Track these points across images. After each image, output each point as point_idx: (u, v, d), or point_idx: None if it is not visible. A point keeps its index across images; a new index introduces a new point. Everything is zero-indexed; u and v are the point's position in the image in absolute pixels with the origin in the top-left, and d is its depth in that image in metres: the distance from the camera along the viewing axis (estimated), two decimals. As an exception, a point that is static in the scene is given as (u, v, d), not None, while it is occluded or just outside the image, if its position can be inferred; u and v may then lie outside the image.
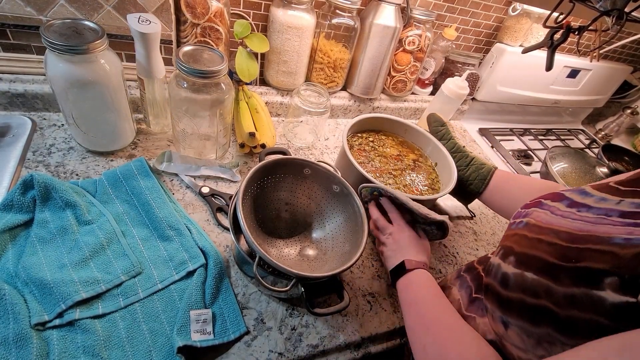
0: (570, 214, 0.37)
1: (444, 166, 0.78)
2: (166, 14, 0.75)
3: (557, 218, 0.38)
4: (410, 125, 0.84)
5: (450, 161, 0.75)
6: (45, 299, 0.48)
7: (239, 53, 0.79)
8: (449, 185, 0.71)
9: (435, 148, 0.80)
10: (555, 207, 0.40)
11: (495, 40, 1.17)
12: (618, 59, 1.44)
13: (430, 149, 0.82)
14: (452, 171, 0.74)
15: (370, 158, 0.78)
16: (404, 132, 0.85)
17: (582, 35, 0.69)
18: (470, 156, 0.74)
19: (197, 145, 0.74)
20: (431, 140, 0.81)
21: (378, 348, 0.59)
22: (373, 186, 0.61)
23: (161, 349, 0.49)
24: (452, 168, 0.74)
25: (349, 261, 0.52)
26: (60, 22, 0.58)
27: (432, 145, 0.81)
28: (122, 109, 0.67)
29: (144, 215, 0.62)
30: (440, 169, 0.80)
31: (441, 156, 0.78)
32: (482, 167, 0.72)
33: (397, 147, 0.83)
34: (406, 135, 0.86)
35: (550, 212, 0.40)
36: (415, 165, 0.80)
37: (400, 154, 0.81)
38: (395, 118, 0.83)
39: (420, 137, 0.84)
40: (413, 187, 0.75)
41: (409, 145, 0.85)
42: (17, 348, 0.43)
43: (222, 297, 0.55)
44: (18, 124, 0.71)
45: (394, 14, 0.89)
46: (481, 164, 0.72)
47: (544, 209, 0.41)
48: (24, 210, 0.56)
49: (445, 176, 0.77)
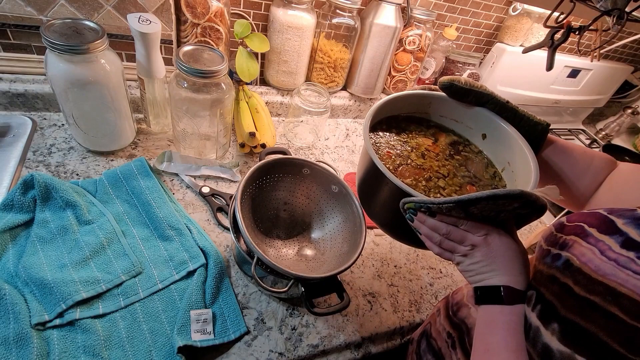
0: (630, 263, 0.27)
1: (498, 140, 0.50)
2: (166, 13, 0.75)
3: (611, 266, 0.28)
4: (435, 95, 0.53)
5: (510, 132, 0.48)
6: (46, 298, 0.48)
7: (239, 53, 0.79)
8: (527, 172, 0.44)
9: (480, 116, 0.51)
10: (604, 244, 0.30)
11: (496, 40, 1.17)
12: (619, 58, 1.44)
13: (473, 122, 0.53)
14: (520, 149, 0.46)
15: (404, 155, 0.50)
16: (428, 106, 0.54)
17: (582, 35, 0.69)
18: (519, 113, 0.48)
19: (198, 145, 0.74)
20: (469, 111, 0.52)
21: (378, 348, 0.59)
22: (419, 200, 0.40)
23: (161, 349, 0.49)
24: (518, 143, 0.47)
25: (347, 261, 0.52)
26: (60, 22, 0.58)
27: (475, 115, 0.51)
28: (123, 109, 0.67)
29: (144, 215, 0.62)
30: (494, 146, 0.52)
31: (492, 127, 0.50)
32: (536, 125, 0.48)
33: (429, 137, 0.55)
34: (431, 110, 0.55)
35: (599, 250, 0.30)
36: (458, 152, 0.53)
37: (438, 142, 0.54)
38: (414, 92, 0.53)
39: (453, 109, 0.53)
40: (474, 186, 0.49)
41: (443, 128, 0.56)
42: (18, 348, 0.43)
43: (222, 297, 0.55)
44: (18, 123, 0.71)
45: (395, 14, 0.89)
46: (534, 122, 0.48)
47: (589, 243, 0.31)
48: (24, 210, 0.56)
49: (505, 154, 0.50)
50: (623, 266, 0.28)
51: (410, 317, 0.63)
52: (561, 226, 0.37)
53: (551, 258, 0.34)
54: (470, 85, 0.48)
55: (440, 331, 0.52)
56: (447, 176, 0.49)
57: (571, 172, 0.47)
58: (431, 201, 0.37)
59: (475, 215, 0.37)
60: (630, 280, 0.27)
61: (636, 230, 0.29)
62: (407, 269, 0.71)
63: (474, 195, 0.34)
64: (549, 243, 0.36)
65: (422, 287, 0.69)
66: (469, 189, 0.48)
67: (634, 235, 0.29)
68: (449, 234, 0.40)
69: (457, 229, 0.39)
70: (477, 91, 0.48)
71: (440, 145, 0.53)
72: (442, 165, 0.50)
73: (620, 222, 0.31)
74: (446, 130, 0.56)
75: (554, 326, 0.30)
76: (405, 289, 0.67)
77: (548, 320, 0.31)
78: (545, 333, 0.31)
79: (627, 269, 0.27)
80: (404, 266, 0.71)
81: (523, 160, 0.46)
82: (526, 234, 0.89)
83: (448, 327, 0.50)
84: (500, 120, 0.49)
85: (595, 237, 0.31)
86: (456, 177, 0.49)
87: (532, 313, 0.34)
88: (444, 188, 0.47)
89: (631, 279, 0.27)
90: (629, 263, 0.28)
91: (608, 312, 0.27)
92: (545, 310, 0.32)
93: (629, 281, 0.26)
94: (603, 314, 0.27)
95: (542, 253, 0.36)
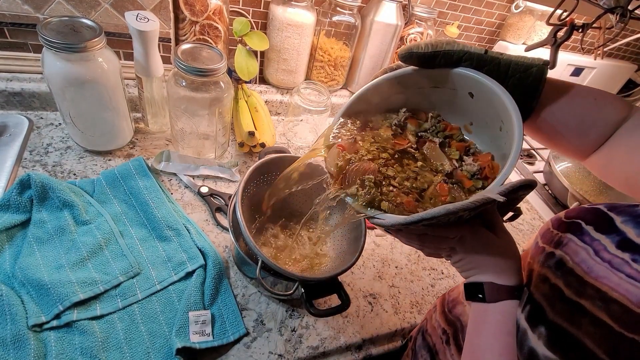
0: (623, 266, 0.26)
1: (484, 99, 0.39)
2: (165, 11, 0.74)
3: (604, 268, 0.27)
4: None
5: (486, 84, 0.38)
6: (43, 300, 0.48)
7: (238, 51, 0.78)
8: (511, 136, 0.35)
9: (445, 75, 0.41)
10: (600, 244, 0.29)
11: (498, 38, 1.16)
12: (622, 57, 1.43)
13: (454, 83, 0.41)
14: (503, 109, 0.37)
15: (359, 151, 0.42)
16: (400, 85, 0.44)
17: (585, 32, 0.68)
18: (503, 61, 0.37)
19: (196, 144, 0.73)
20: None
21: (379, 350, 0.59)
22: (375, 223, 0.38)
23: (160, 351, 0.48)
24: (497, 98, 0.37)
25: (348, 262, 0.52)
26: (57, 20, 0.57)
27: (453, 77, 0.40)
28: (120, 108, 0.66)
29: (142, 215, 0.61)
30: (483, 105, 0.40)
31: (473, 84, 0.39)
32: (529, 68, 0.37)
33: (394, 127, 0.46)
34: (406, 88, 0.44)
35: (593, 250, 0.29)
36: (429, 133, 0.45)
37: (404, 132, 0.45)
38: (377, 81, 0.44)
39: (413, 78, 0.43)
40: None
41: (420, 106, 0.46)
42: (15, 349, 0.43)
43: (221, 298, 0.55)
44: (15, 123, 0.70)
45: (395, 12, 0.88)
46: (526, 65, 0.37)
47: (584, 242, 0.30)
48: (21, 210, 0.55)
49: (491, 113, 0.39)
50: (616, 268, 0.26)
51: (411, 319, 0.63)
52: (558, 222, 0.35)
53: (545, 256, 0.33)
54: (433, 47, 0.38)
55: (435, 327, 0.52)
56: (400, 172, 0.41)
57: (574, 125, 0.39)
58: (380, 223, 0.36)
59: (439, 224, 0.34)
60: (622, 284, 0.25)
61: (634, 230, 0.28)
62: (408, 269, 0.70)
63: (416, 217, 0.32)
64: (545, 240, 0.35)
65: (424, 288, 0.68)
66: (437, 182, 0.40)
67: (632, 235, 0.27)
68: (423, 242, 0.39)
69: (430, 236, 0.38)
70: (444, 51, 0.38)
71: (405, 136, 0.45)
72: (394, 161, 0.42)
73: (619, 220, 0.29)
74: (424, 106, 0.46)
75: (541, 330, 0.29)
76: (406, 290, 0.67)
77: (535, 323, 0.30)
78: (532, 336, 0.30)
79: (620, 272, 0.26)
80: (405, 267, 0.71)
81: (508, 120, 0.36)
82: (528, 235, 0.88)
83: (443, 323, 0.50)
84: (479, 75, 0.38)
85: (591, 236, 0.30)
86: (409, 168, 0.42)
87: (522, 315, 0.33)
88: (394, 177, 0.41)
89: (623, 282, 0.25)
90: (622, 265, 0.26)
91: (597, 318, 0.26)
92: (533, 312, 0.31)
93: (621, 285, 0.25)
94: (591, 320, 0.26)
95: (537, 250, 0.35)
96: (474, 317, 0.37)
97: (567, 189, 0.88)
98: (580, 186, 0.88)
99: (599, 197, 0.86)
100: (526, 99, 0.37)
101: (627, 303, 0.24)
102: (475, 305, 0.36)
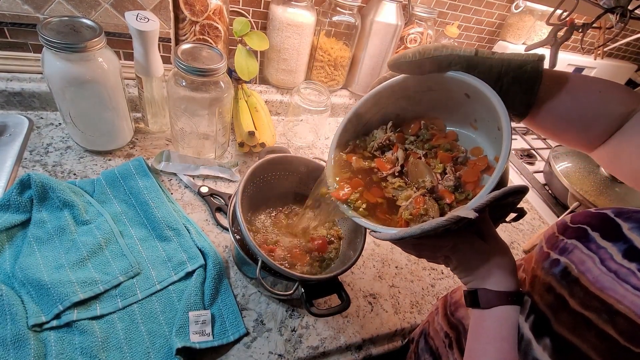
0: (630, 277, 0.25)
1: (478, 100, 0.39)
2: (165, 11, 0.74)
3: (610, 278, 0.26)
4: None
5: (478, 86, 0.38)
6: (43, 299, 0.48)
7: (238, 51, 0.78)
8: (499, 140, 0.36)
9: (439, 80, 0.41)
10: (606, 252, 0.28)
11: (498, 38, 1.16)
12: (622, 57, 1.43)
13: (448, 85, 0.41)
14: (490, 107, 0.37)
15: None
16: (396, 94, 0.45)
17: (586, 32, 0.68)
18: (495, 60, 0.37)
19: (196, 144, 0.73)
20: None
21: (379, 350, 0.59)
22: (374, 236, 0.40)
23: (160, 351, 0.48)
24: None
25: (348, 262, 0.52)
26: (57, 20, 0.57)
27: (445, 81, 0.40)
28: (120, 108, 0.66)
29: (142, 215, 0.61)
30: (479, 106, 0.41)
31: (466, 87, 0.39)
32: (523, 65, 0.36)
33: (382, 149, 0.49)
34: (399, 99, 0.46)
35: (599, 259, 0.28)
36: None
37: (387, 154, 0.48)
38: (373, 92, 0.45)
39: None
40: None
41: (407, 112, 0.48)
42: (15, 349, 0.43)
43: (221, 298, 0.55)
44: (15, 123, 0.70)
45: (396, 11, 0.88)
46: (519, 62, 0.37)
47: (590, 250, 0.29)
48: (21, 210, 0.55)
49: (486, 116, 0.41)
50: (623, 279, 0.26)
51: (411, 319, 0.63)
52: (564, 227, 0.35)
53: (549, 263, 0.32)
54: (420, 55, 0.38)
55: (437, 330, 0.51)
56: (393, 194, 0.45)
57: (576, 119, 0.38)
58: (377, 236, 0.39)
59: (431, 235, 0.35)
60: (628, 296, 0.25)
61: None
62: (408, 269, 0.70)
63: (408, 232, 0.34)
64: (550, 245, 0.34)
65: (424, 288, 0.68)
66: (415, 196, 0.42)
67: (639, 244, 0.26)
68: (420, 251, 0.40)
69: (425, 245, 0.39)
70: (431, 58, 0.38)
71: (393, 152, 0.47)
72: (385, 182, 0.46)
73: (626, 227, 0.28)
74: (423, 108, 0.47)
75: (546, 341, 0.29)
76: (406, 290, 0.67)
77: (540, 334, 0.30)
78: (537, 347, 0.30)
79: (627, 283, 0.25)
80: (405, 267, 0.71)
81: (499, 121, 0.36)
82: (529, 235, 0.88)
83: (446, 326, 0.50)
84: (468, 77, 0.38)
85: (597, 243, 0.29)
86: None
87: (525, 324, 0.32)
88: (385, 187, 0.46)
89: (629, 294, 0.25)
90: (629, 276, 0.25)
91: (602, 332, 0.25)
92: (538, 322, 0.31)
93: (627, 297, 0.25)
94: (597, 334, 0.25)
95: (542, 256, 0.35)
96: (473, 323, 0.37)
97: (567, 189, 0.88)
98: (580, 186, 0.88)
99: (599, 197, 0.86)
100: (524, 95, 0.37)
101: (633, 317, 0.24)
102: (473, 310, 0.37)
